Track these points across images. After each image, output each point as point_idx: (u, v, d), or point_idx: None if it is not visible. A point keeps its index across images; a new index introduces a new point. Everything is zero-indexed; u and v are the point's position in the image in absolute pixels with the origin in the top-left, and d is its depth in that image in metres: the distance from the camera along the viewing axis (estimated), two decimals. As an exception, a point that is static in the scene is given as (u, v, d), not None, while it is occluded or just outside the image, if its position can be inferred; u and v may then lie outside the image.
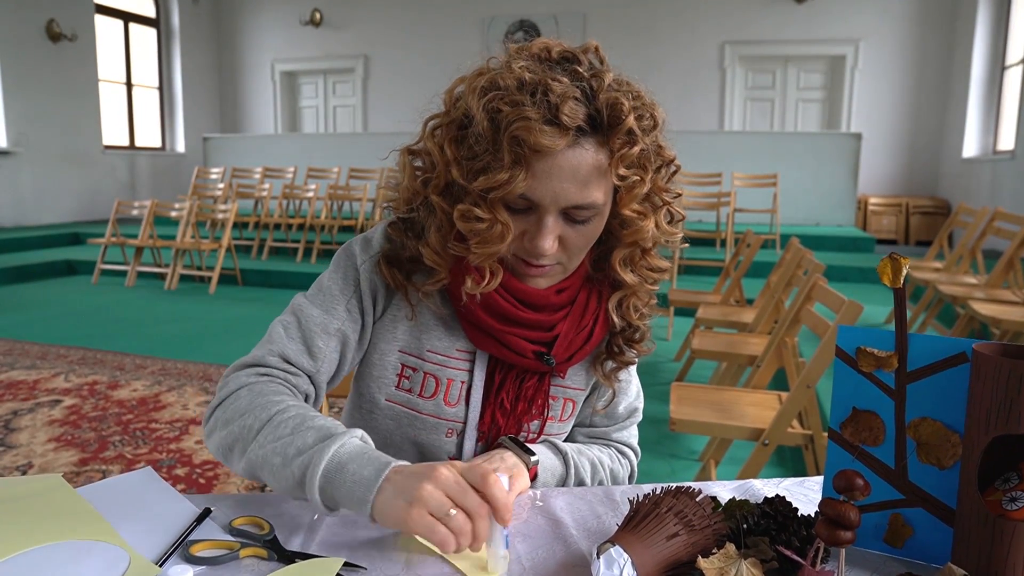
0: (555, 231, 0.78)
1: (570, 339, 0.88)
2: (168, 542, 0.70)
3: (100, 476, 2.41)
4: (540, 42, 0.80)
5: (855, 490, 0.59)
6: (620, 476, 0.98)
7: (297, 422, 0.75)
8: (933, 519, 0.68)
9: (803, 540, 0.64)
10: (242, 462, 0.77)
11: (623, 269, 0.86)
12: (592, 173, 0.76)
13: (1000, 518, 0.61)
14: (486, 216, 0.76)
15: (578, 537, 0.73)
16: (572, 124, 0.72)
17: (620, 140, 0.75)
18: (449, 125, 0.80)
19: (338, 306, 0.88)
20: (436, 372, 0.88)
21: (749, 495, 0.82)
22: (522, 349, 0.86)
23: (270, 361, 0.85)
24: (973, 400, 0.62)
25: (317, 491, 0.69)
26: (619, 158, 0.75)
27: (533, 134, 0.71)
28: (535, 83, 0.73)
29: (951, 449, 0.66)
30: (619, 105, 0.74)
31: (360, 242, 0.91)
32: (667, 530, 0.62)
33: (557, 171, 0.74)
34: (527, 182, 0.74)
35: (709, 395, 2.21)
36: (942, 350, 0.66)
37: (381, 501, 0.66)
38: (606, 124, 0.75)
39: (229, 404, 0.81)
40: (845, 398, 0.70)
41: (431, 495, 0.63)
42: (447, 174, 0.79)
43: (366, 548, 0.70)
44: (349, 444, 0.71)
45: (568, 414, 0.94)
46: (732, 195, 6.82)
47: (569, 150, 0.74)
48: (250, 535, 0.71)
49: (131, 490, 0.82)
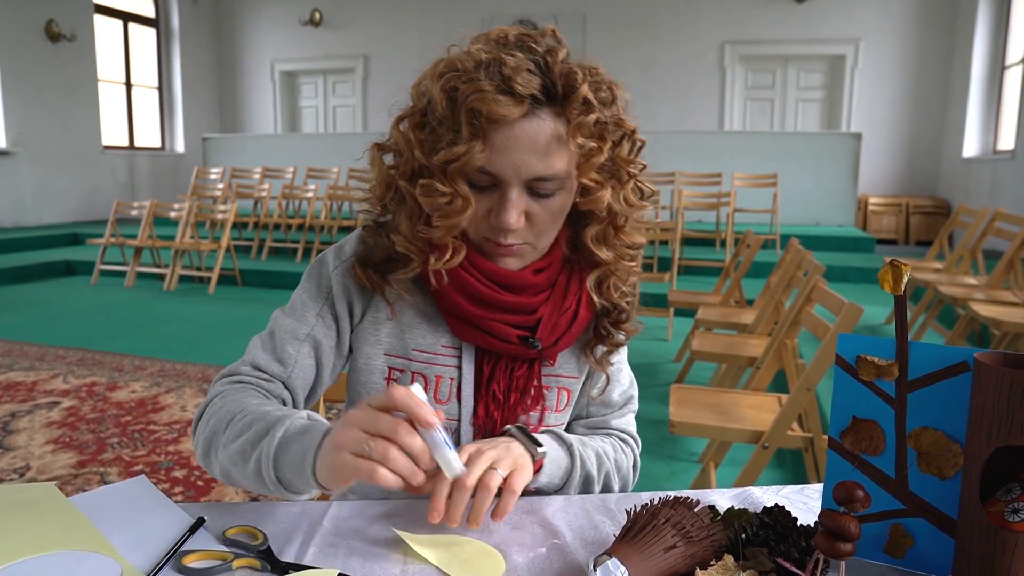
0: (519, 205, 0.79)
1: (554, 321, 0.87)
2: (161, 552, 0.69)
3: (98, 478, 2.41)
4: (499, 28, 0.82)
5: (855, 502, 0.58)
6: (624, 466, 0.96)
7: (251, 418, 0.77)
8: (934, 530, 0.67)
9: (802, 551, 0.63)
10: (217, 469, 0.81)
11: (597, 246, 0.86)
12: (551, 143, 0.77)
13: (1002, 530, 0.60)
14: (447, 190, 0.78)
15: (575, 547, 0.72)
16: (526, 92, 0.74)
17: (576, 109, 0.76)
18: (414, 114, 0.81)
19: (308, 312, 0.89)
20: (424, 371, 0.88)
21: (748, 503, 0.81)
22: (505, 335, 0.85)
23: (243, 370, 0.88)
24: (974, 410, 0.62)
25: (275, 479, 0.73)
26: (576, 126, 0.76)
27: (487, 103, 0.73)
28: (490, 60, 0.76)
29: (952, 459, 0.65)
30: (573, 75, 0.76)
31: (333, 250, 0.92)
32: (665, 541, 0.61)
33: (515, 142, 0.76)
34: (486, 154, 0.76)
35: (708, 397, 2.20)
36: (943, 359, 0.65)
37: (318, 464, 0.69)
38: (561, 94, 0.76)
39: (205, 414, 0.84)
40: (845, 407, 0.69)
41: (346, 436, 0.66)
42: (412, 159, 0.80)
43: (361, 558, 0.69)
44: (292, 426, 0.74)
45: (564, 404, 0.93)
46: (732, 195, 6.81)
47: (526, 121, 0.75)
48: (243, 545, 0.70)
49: (125, 499, 0.81)
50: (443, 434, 0.67)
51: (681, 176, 7.36)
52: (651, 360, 3.99)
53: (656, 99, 9.12)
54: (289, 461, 0.71)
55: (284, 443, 0.73)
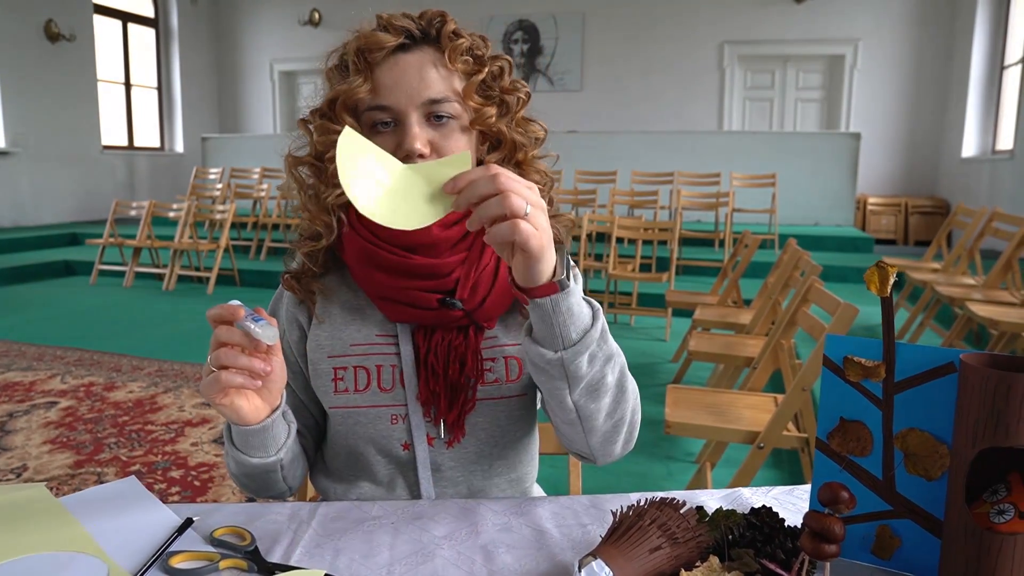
0: (422, 134, 0.82)
1: (473, 280, 0.86)
2: (148, 553, 0.69)
3: (95, 478, 2.41)
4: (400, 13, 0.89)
5: (840, 503, 0.58)
6: (631, 388, 0.84)
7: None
8: (921, 531, 0.67)
9: (788, 552, 0.63)
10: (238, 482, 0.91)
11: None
12: (434, 68, 0.83)
13: (987, 531, 0.60)
14: (336, 127, 0.79)
15: (563, 547, 0.72)
16: (400, 25, 0.83)
17: (448, 38, 0.84)
18: (320, 107, 0.88)
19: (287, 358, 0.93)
20: (363, 363, 0.88)
21: (737, 504, 0.81)
22: (425, 301, 0.85)
23: None
24: (960, 411, 0.62)
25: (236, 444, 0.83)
26: (451, 50, 0.83)
27: (365, 39, 0.81)
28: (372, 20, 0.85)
29: (939, 460, 0.65)
30: (443, 16, 0.85)
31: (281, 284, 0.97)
32: (650, 543, 0.61)
33: (400, 73, 0.82)
34: (370, 87, 0.81)
35: (705, 397, 2.20)
36: (930, 360, 0.65)
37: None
38: (434, 33, 0.84)
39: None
40: (832, 408, 0.69)
41: (203, 371, 0.76)
42: (313, 142, 0.87)
43: (348, 558, 0.69)
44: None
45: (516, 375, 0.89)
46: (731, 195, 6.81)
47: (407, 54, 0.83)
48: (231, 546, 0.70)
49: (114, 500, 0.81)
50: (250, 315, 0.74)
51: (680, 176, 7.36)
52: (649, 360, 3.99)
53: (655, 99, 9.13)
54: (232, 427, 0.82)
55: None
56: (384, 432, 0.88)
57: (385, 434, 0.89)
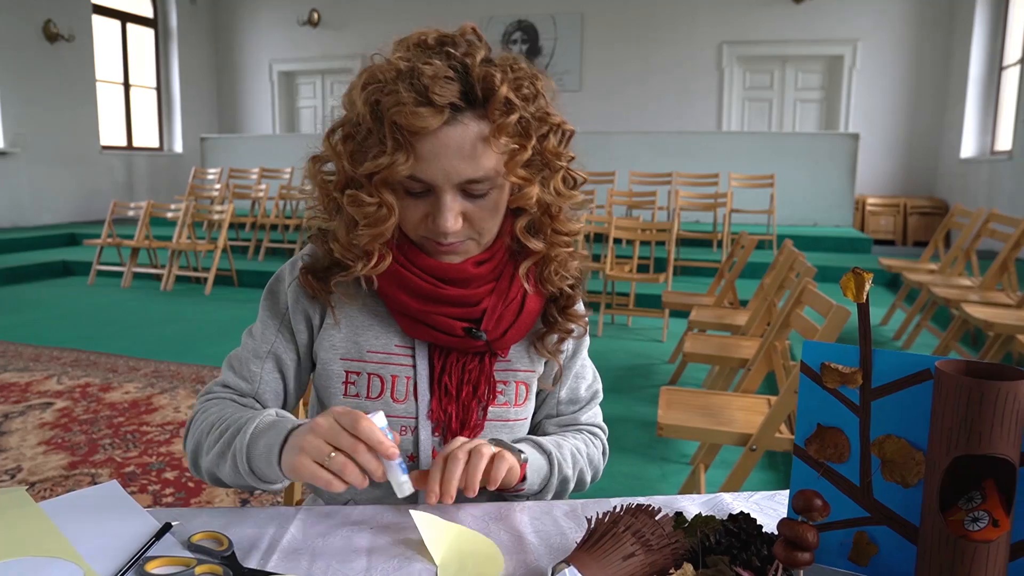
0: (455, 208, 0.80)
1: (499, 313, 0.88)
2: (125, 559, 0.69)
3: (89, 480, 2.41)
4: (418, 31, 0.84)
5: (813, 511, 0.58)
6: (596, 458, 1.01)
7: (227, 423, 0.84)
8: (898, 537, 0.67)
9: (764, 559, 0.63)
10: (205, 474, 0.87)
11: (525, 236, 0.87)
12: (477, 145, 0.78)
13: (961, 539, 0.60)
14: (371, 200, 0.80)
15: (540, 553, 0.72)
16: (444, 102, 0.75)
17: (497, 110, 0.77)
18: (344, 125, 0.83)
19: (268, 330, 0.93)
20: (379, 371, 0.89)
21: (718, 510, 0.81)
22: (449, 327, 0.86)
23: (215, 389, 0.94)
24: (935, 419, 0.61)
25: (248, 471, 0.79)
26: (497, 128, 0.78)
27: (407, 116, 0.75)
28: (410, 69, 0.77)
29: (916, 467, 0.65)
30: (491, 77, 0.77)
31: (288, 265, 0.94)
32: (623, 550, 0.61)
33: (442, 149, 0.77)
34: (412, 164, 0.77)
35: (698, 399, 2.20)
36: (907, 366, 0.65)
37: (284, 459, 0.74)
38: (481, 97, 0.77)
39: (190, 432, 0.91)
40: (810, 414, 0.69)
41: (311, 444, 0.71)
42: (343, 171, 0.82)
43: (325, 564, 0.69)
44: (262, 423, 0.80)
45: (524, 398, 0.94)
46: (729, 196, 6.81)
47: (449, 127, 0.77)
48: (208, 551, 0.70)
49: (94, 504, 0.81)
50: (400, 462, 0.72)
51: (678, 177, 7.36)
52: (646, 361, 3.99)
53: (654, 99, 9.12)
54: (259, 454, 0.78)
55: (254, 438, 0.79)
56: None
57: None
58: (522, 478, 0.85)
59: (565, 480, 0.92)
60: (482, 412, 0.90)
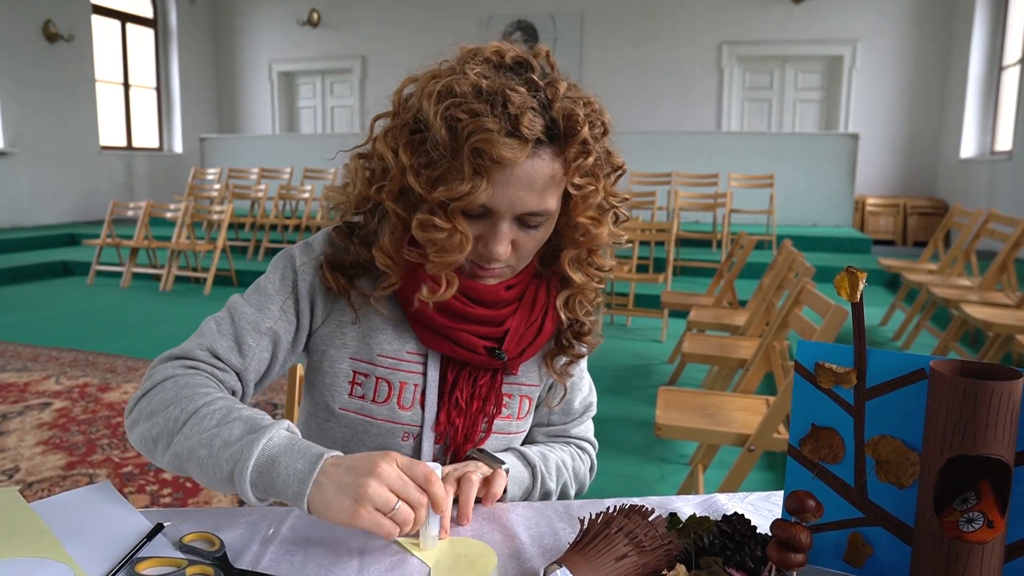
0: (509, 236, 0.79)
1: (520, 334, 0.88)
2: (116, 559, 0.69)
3: (87, 480, 2.40)
4: (493, 45, 0.80)
5: (807, 512, 0.58)
6: (582, 472, 1.00)
7: (223, 414, 0.75)
8: (893, 538, 0.67)
9: (757, 561, 0.63)
10: (167, 455, 0.76)
11: (572, 269, 0.87)
12: (548, 182, 0.77)
13: (956, 540, 0.60)
14: (446, 226, 0.77)
15: (533, 554, 0.72)
16: (532, 136, 0.73)
17: (575, 151, 0.76)
18: (401, 128, 0.79)
19: (272, 305, 0.87)
20: (388, 376, 0.87)
21: (712, 511, 0.81)
22: (473, 345, 0.86)
23: (198, 355, 0.85)
24: (930, 419, 0.61)
25: (248, 486, 0.70)
26: (575, 168, 0.77)
27: (495, 146, 0.71)
28: (493, 92, 0.73)
29: (910, 468, 0.65)
30: (575, 116, 0.75)
31: (301, 245, 0.90)
32: (616, 551, 0.60)
33: (515, 180, 0.75)
34: (488, 192, 0.75)
35: (696, 400, 2.19)
36: (901, 366, 0.65)
37: (318, 495, 0.67)
38: (562, 135, 0.76)
39: (154, 395, 0.80)
40: (804, 414, 0.69)
41: (376, 492, 0.65)
42: (402, 180, 0.78)
43: (317, 565, 0.69)
44: (277, 436, 0.71)
45: (526, 412, 0.95)
46: (728, 196, 6.80)
47: (527, 161, 0.75)
48: (199, 552, 0.70)
49: (86, 505, 0.80)
50: (439, 516, 0.72)
51: (677, 177, 7.36)
52: (645, 361, 3.99)
53: (653, 99, 9.12)
54: (279, 478, 0.68)
55: (270, 456, 0.70)
56: (393, 446, 0.89)
57: (394, 447, 0.89)
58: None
59: (548, 494, 0.93)
60: (486, 425, 0.90)
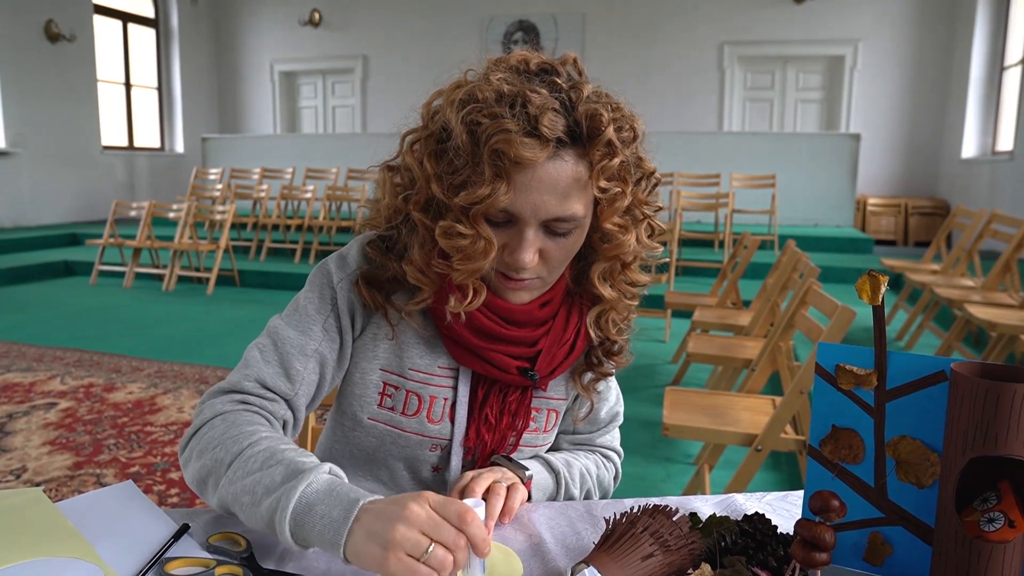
0: (535, 244, 0.77)
1: (553, 353, 0.87)
2: (144, 559, 0.70)
3: (94, 480, 2.41)
4: (519, 54, 0.79)
5: (831, 511, 0.58)
6: (606, 481, 1.00)
7: (266, 456, 0.72)
8: (912, 538, 0.67)
9: (780, 560, 0.64)
10: (215, 498, 0.75)
11: (602, 284, 0.85)
12: (572, 185, 0.75)
13: (977, 539, 0.60)
14: (469, 232, 0.76)
15: (557, 554, 0.72)
16: (552, 135, 0.72)
17: (600, 152, 0.74)
18: (428, 139, 0.79)
19: (314, 326, 0.86)
20: (419, 390, 0.87)
21: (731, 511, 0.81)
22: (506, 365, 0.85)
23: (246, 387, 0.83)
24: (951, 420, 0.62)
25: (288, 534, 0.66)
26: (599, 170, 0.75)
27: (514, 146, 0.71)
28: (514, 95, 0.73)
29: (930, 468, 0.66)
30: (598, 116, 0.73)
31: (335, 260, 0.89)
32: (642, 550, 0.61)
33: (537, 183, 0.74)
34: (511, 195, 0.74)
35: (703, 400, 2.20)
36: (922, 368, 0.66)
37: (353, 544, 0.62)
38: (585, 136, 0.74)
39: (204, 434, 0.79)
40: (824, 415, 0.70)
41: (405, 537, 0.60)
42: (427, 190, 0.78)
43: (342, 565, 0.70)
44: (316, 482, 0.67)
45: (552, 424, 0.95)
46: (730, 196, 6.81)
47: (549, 162, 0.73)
48: (226, 552, 0.71)
49: (111, 505, 0.81)
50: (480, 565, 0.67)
51: (679, 177, 7.36)
52: (648, 361, 4.00)
53: (655, 99, 9.12)
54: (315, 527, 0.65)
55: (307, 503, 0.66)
56: (420, 456, 0.90)
57: (421, 457, 0.90)
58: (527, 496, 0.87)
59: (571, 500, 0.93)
60: (514, 439, 0.91)
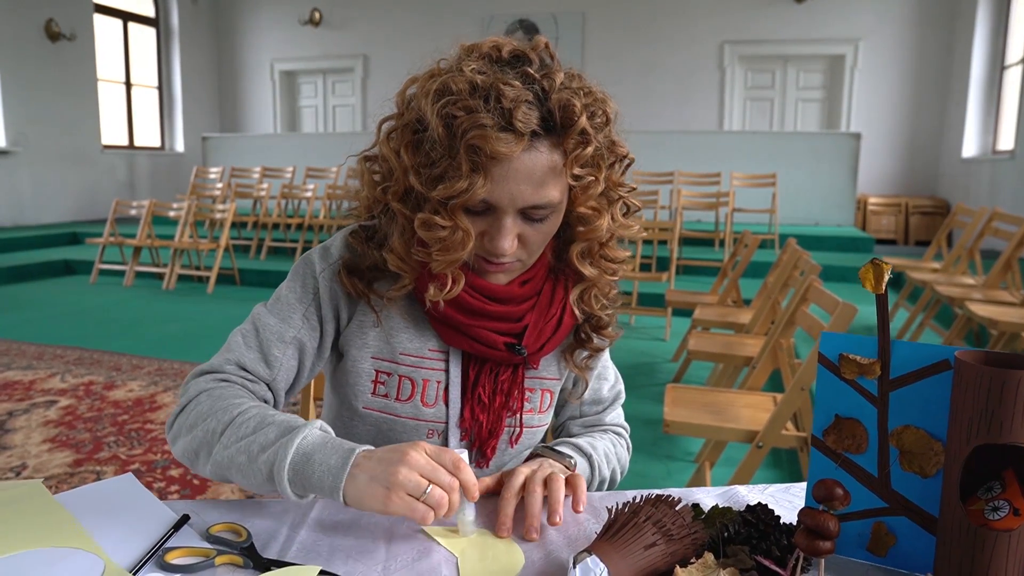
0: (514, 231, 0.79)
1: (539, 328, 0.89)
2: (144, 549, 0.69)
3: (94, 477, 2.41)
4: (490, 40, 0.80)
5: (834, 500, 0.58)
6: (624, 457, 1.03)
7: (258, 420, 0.77)
8: (916, 528, 0.67)
9: (783, 549, 0.63)
10: (208, 465, 0.79)
11: (581, 262, 0.87)
12: (547, 174, 0.76)
13: (982, 528, 0.60)
14: (447, 224, 0.77)
15: (559, 544, 0.72)
16: (526, 129, 0.73)
17: (573, 141, 0.76)
18: (404, 129, 0.80)
19: (294, 315, 0.89)
20: (411, 374, 0.88)
21: (733, 502, 0.81)
22: (492, 341, 0.86)
23: (227, 369, 0.87)
24: (955, 409, 0.62)
25: (287, 483, 0.72)
26: (573, 159, 0.76)
27: (489, 142, 0.72)
28: (487, 87, 0.74)
29: (934, 457, 0.65)
30: (571, 106, 0.75)
31: (319, 251, 0.91)
32: (645, 539, 0.61)
33: (513, 174, 0.75)
34: (488, 188, 0.75)
35: (704, 397, 2.20)
36: (925, 357, 0.65)
37: (353, 487, 0.69)
38: (559, 126, 0.75)
39: (191, 410, 0.82)
40: (828, 405, 0.69)
41: (407, 478, 0.67)
42: (405, 181, 0.79)
43: (344, 555, 0.70)
44: (311, 435, 0.74)
45: (547, 405, 0.96)
46: (731, 195, 6.81)
47: (525, 154, 0.75)
48: (227, 542, 0.70)
49: (111, 497, 0.81)
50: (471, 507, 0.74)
51: (680, 176, 7.36)
52: (649, 359, 3.99)
53: (655, 99, 9.12)
54: (314, 474, 0.71)
55: (304, 453, 0.72)
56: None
57: None
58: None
59: (603, 482, 0.96)
60: (510, 420, 0.92)
